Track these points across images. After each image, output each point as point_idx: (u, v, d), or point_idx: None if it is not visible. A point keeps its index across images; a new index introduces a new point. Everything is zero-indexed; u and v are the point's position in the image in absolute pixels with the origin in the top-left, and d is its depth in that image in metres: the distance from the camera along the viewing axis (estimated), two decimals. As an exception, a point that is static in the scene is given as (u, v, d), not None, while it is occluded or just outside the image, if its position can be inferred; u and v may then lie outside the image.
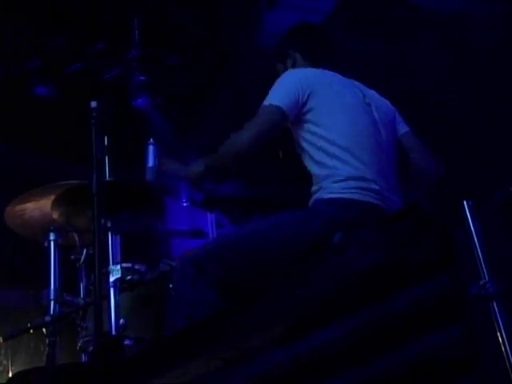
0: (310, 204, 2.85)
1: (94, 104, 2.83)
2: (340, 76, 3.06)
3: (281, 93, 2.87)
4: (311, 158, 2.86)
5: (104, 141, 3.10)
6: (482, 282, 1.57)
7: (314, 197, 2.83)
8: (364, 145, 2.84)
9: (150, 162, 3.11)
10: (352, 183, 2.74)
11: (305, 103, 2.84)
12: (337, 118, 2.86)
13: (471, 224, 1.63)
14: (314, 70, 3.04)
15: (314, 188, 2.85)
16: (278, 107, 2.81)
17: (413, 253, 1.77)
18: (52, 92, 4.69)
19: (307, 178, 3.06)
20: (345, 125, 2.86)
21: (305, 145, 2.87)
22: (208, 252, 2.69)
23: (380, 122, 2.97)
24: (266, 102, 2.85)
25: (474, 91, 5.19)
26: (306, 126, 2.86)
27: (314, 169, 2.86)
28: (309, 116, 2.85)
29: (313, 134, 2.85)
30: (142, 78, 4.65)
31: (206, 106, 5.42)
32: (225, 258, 2.66)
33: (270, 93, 2.89)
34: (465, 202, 1.66)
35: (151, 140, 3.16)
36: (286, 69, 3.10)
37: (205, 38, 4.94)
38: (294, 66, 3.10)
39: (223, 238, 3.19)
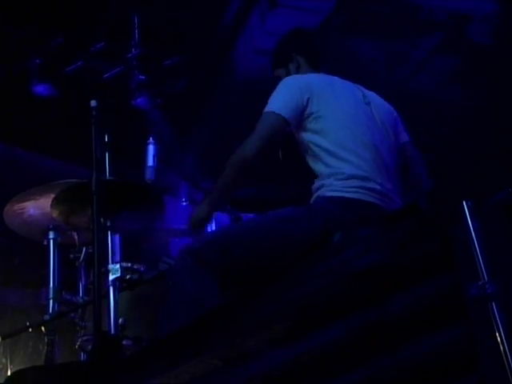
0: (311, 201, 2.85)
1: (93, 103, 2.83)
2: (339, 79, 3.07)
3: (281, 99, 2.89)
4: (315, 157, 2.87)
5: (104, 139, 3.10)
6: (480, 283, 1.57)
7: (316, 194, 2.83)
8: (367, 145, 2.85)
9: (150, 162, 3.12)
10: (354, 182, 2.75)
11: (305, 108, 2.86)
12: (339, 120, 2.87)
13: (470, 224, 1.63)
14: (314, 74, 3.05)
15: (316, 185, 2.86)
16: (278, 115, 2.84)
17: (412, 253, 1.77)
18: (52, 91, 4.69)
19: (306, 177, 3.06)
20: (347, 126, 2.86)
21: (308, 146, 2.89)
22: (207, 242, 2.71)
23: (380, 121, 2.98)
24: (267, 109, 2.87)
25: (474, 91, 5.20)
26: (309, 128, 2.87)
27: (317, 167, 2.87)
28: (311, 119, 2.86)
29: (315, 135, 2.86)
30: (142, 77, 4.65)
31: (205, 105, 5.42)
32: (224, 248, 2.68)
33: (270, 99, 2.91)
34: (464, 203, 1.66)
35: (151, 139, 3.17)
36: (288, 73, 3.10)
37: (205, 37, 4.94)
38: (298, 69, 3.10)
39: (223, 229, 3.20)
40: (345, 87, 3.03)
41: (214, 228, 3.66)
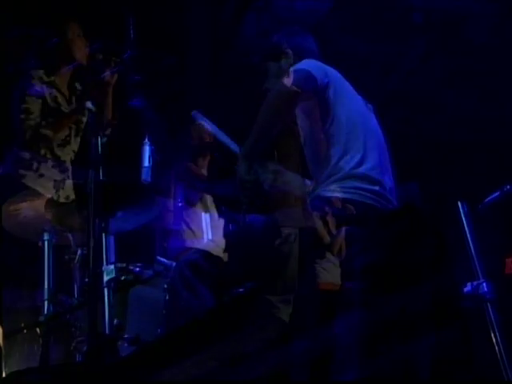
0: (308, 201, 2.84)
1: (89, 104, 2.82)
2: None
3: (300, 75, 2.79)
4: (315, 154, 2.84)
5: (99, 141, 3.09)
6: (476, 282, 1.57)
7: (313, 194, 2.83)
8: (371, 144, 2.83)
9: (146, 162, 3.12)
10: (351, 183, 2.74)
11: (323, 90, 2.80)
12: (352, 111, 2.84)
13: (466, 225, 1.64)
14: (325, 65, 2.96)
15: (313, 185, 2.85)
16: (291, 86, 2.71)
17: (408, 252, 1.77)
18: (47, 91, 4.68)
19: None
20: (356, 122, 2.83)
21: (313, 139, 2.84)
22: (203, 252, 2.69)
23: (377, 122, 2.98)
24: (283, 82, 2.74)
25: (470, 92, 5.21)
26: (319, 117, 2.81)
27: (315, 166, 2.86)
28: (323, 106, 2.80)
29: (324, 126, 2.81)
30: (138, 77, 4.65)
31: (202, 105, 5.41)
32: (221, 257, 2.66)
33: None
34: (459, 203, 1.67)
35: (146, 140, 3.17)
36: (280, 67, 3.06)
37: (201, 37, 4.94)
38: (291, 65, 3.05)
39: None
40: (349, 85, 3.00)
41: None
